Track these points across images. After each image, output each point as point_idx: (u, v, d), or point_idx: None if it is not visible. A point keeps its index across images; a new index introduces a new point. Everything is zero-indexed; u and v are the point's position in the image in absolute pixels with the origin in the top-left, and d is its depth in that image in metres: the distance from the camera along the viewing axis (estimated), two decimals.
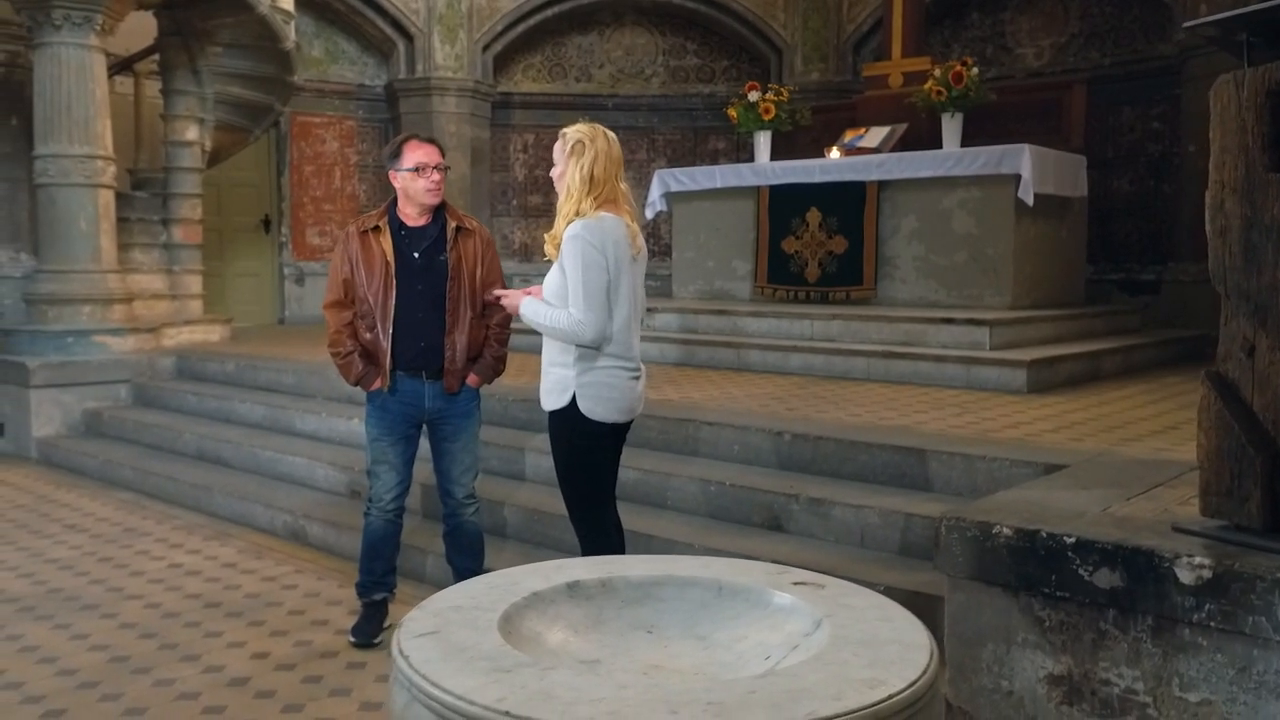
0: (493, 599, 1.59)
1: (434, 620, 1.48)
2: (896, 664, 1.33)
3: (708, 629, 1.61)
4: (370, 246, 3.81)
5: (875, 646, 1.39)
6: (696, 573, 1.71)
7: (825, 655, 1.37)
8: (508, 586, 1.64)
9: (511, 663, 1.32)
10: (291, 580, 4.70)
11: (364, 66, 12.02)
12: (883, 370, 6.45)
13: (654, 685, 1.26)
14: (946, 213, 7.56)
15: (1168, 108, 10.29)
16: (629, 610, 1.64)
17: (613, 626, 1.62)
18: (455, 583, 4.08)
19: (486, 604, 1.55)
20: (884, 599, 1.64)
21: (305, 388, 6.91)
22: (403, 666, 1.33)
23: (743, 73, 12.65)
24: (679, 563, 1.79)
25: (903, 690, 1.26)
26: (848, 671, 1.31)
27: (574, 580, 1.67)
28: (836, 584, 1.70)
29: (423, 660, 1.33)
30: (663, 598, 1.66)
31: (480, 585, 1.66)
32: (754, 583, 1.67)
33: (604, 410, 3.30)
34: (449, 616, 1.50)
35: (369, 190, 12.11)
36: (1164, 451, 4.18)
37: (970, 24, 11.66)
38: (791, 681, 1.28)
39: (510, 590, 1.62)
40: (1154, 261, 10.37)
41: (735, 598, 1.64)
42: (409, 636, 1.42)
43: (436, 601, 1.59)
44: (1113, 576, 2.74)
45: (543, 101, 12.55)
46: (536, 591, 1.61)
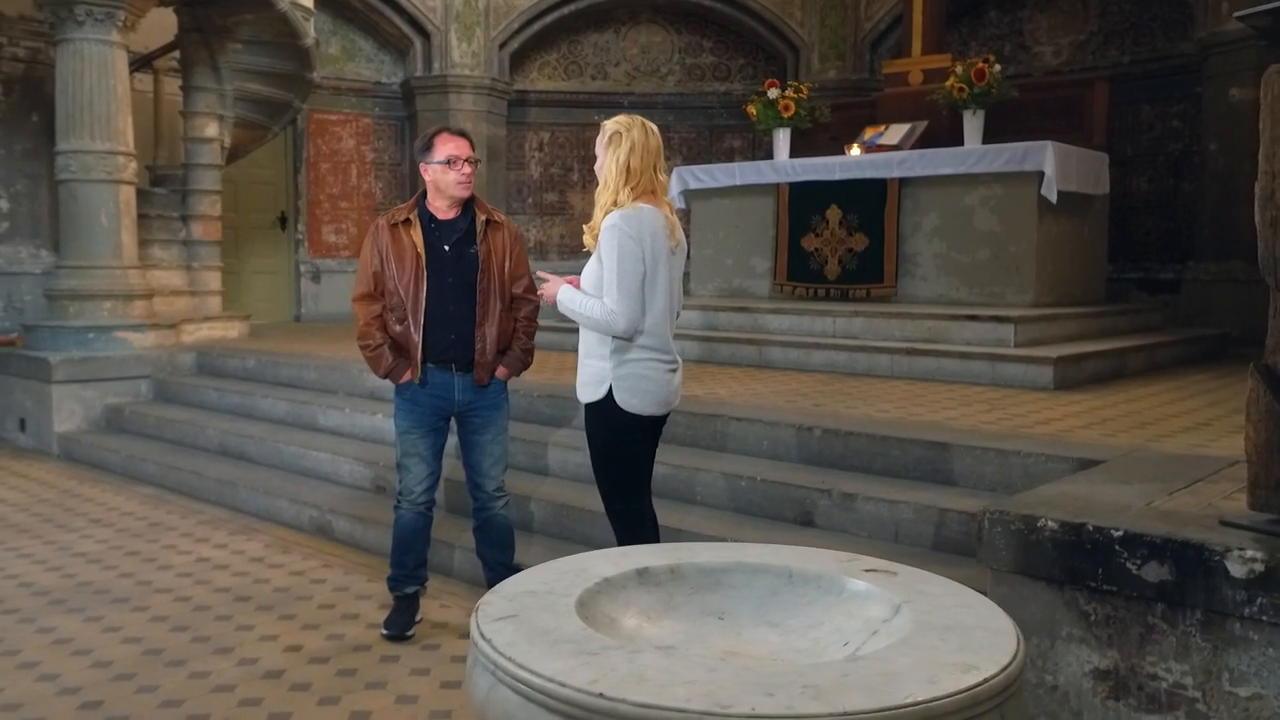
0: (565, 584, 1.57)
1: (511, 605, 1.47)
2: (986, 649, 1.32)
3: (780, 616, 1.60)
4: (400, 239, 3.80)
5: (961, 632, 1.38)
6: (766, 560, 1.70)
7: (912, 640, 1.35)
8: (578, 572, 1.63)
9: (597, 645, 1.31)
10: (320, 574, 4.70)
11: (380, 64, 12.02)
12: (906, 367, 6.42)
13: (745, 669, 1.25)
14: (968, 210, 7.52)
15: (1188, 106, 10.25)
16: (699, 597, 1.63)
17: (684, 612, 1.60)
18: (486, 576, 4.11)
19: (560, 589, 1.54)
20: (960, 586, 1.63)
21: (328, 383, 6.90)
22: (486, 650, 1.31)
23: (759, 71, 12.63)
24: (746, 550, 1.78)
25: (996, 675, 1.24)
26: (938, 656, 1.29)
27: (643, 566, 1.65)
28: (909, 571, 1.68)
29: (507, 643, 1.31)
30: (733, 584, 1.65)
31: (550, 571, 1.65)
32: (825, 570, 1.65)
33: (640, 402, 3.29)
34: (525, 601, 1.49)
35: (385, 188, 12.12)
36: (1199, 447, 4.15)
37: (988, 22, 11.63)
38: (883, 665, 1.26)
39: (581, 576, 1.61)
40: (1173, 260, 10.32)
41: (807, 584, 1.63)
42: (488, 620, 1.41)
43: (510, 587, 1.58)
44: (1161, 570, 2.72)
45: (559, 100, 12.55)
46: (608, 577, 1.60)
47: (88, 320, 7.67)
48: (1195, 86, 9.97)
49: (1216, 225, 9.46)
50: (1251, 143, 8.80)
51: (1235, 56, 9.22)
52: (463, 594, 4.38)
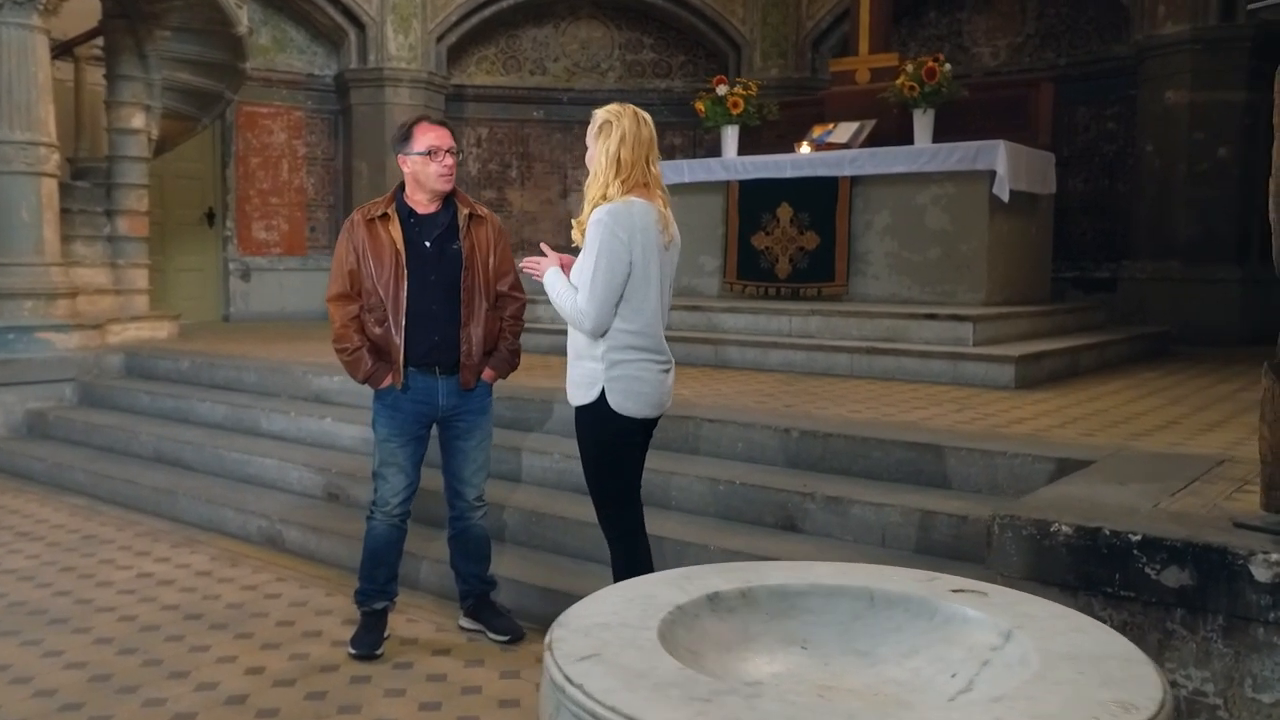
0: (637, 614, 1.42)
1: (588, 641, 1.31)
2: (1129, 681, 1.20)
3: (867, 643, 1.47)
4: (378, 235, 3.59)
5: (1093, 662, 1.26)
6: (841, 580, 1.56)
7: (1047, 675, 1.23)
8: (644, 600, 1.47)
9: (706, 690, 1.16)
10: (273, 589, 4.44)
11: (313, 56, 11.65)
12: (866, 366, 6.37)
13: (885, 714, 1.12)
14: (920, 209, 7.51)
15: (1122, 108, 10.43)
16: (776, 624, 1.49)
17: (764, 643, 1.46)
18: (459, 589, 3.92)
19: (634, 620, 1.38)
20: (1062, 606, 1.51)
21: (268, 386, 6.61)
22: (580, 699, 1.16)
23: (700, 68, 12.56)
24: (815, 569, 1.64)
25: (1156, 713, 1.13)
26: (1085, 692, 1.17)
27: (713, 591, 1.51)
28: (998, 590, 1.56)
29: (604, 690, 1.16)
30: (809, 609, 1.51)
31: (613, 599, 1.49)
32: (909, 591, 1.52)
33: (634, 405, 3.14)
34: (603, 636, 1.33)
35: (318, 183, 11.75)
36: (1178, 446, 4.14)
37: (928, 23, 11.71)
38: (1032, 706, 1.14)
39: (649, 604, 1.45)
40: (1108, 259, 10.50)
41: (892, 608, 1.50)
42: (569, 661, 1.25)
43: (577, 619, 1.41)
44: (1182, 575, 2.66)
45: (497, 95, 12.31)
46: (679, 605, 1.45)
47: (7, 320, 7.25)
48: (1130, 89, 10.15)
49: (1152, 225, 9.64)
50: (1185, 144, 8.92)
51: (1171, 60, 9.40)
52: (430, 607, 4.18)
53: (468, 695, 3.38)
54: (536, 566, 4.22)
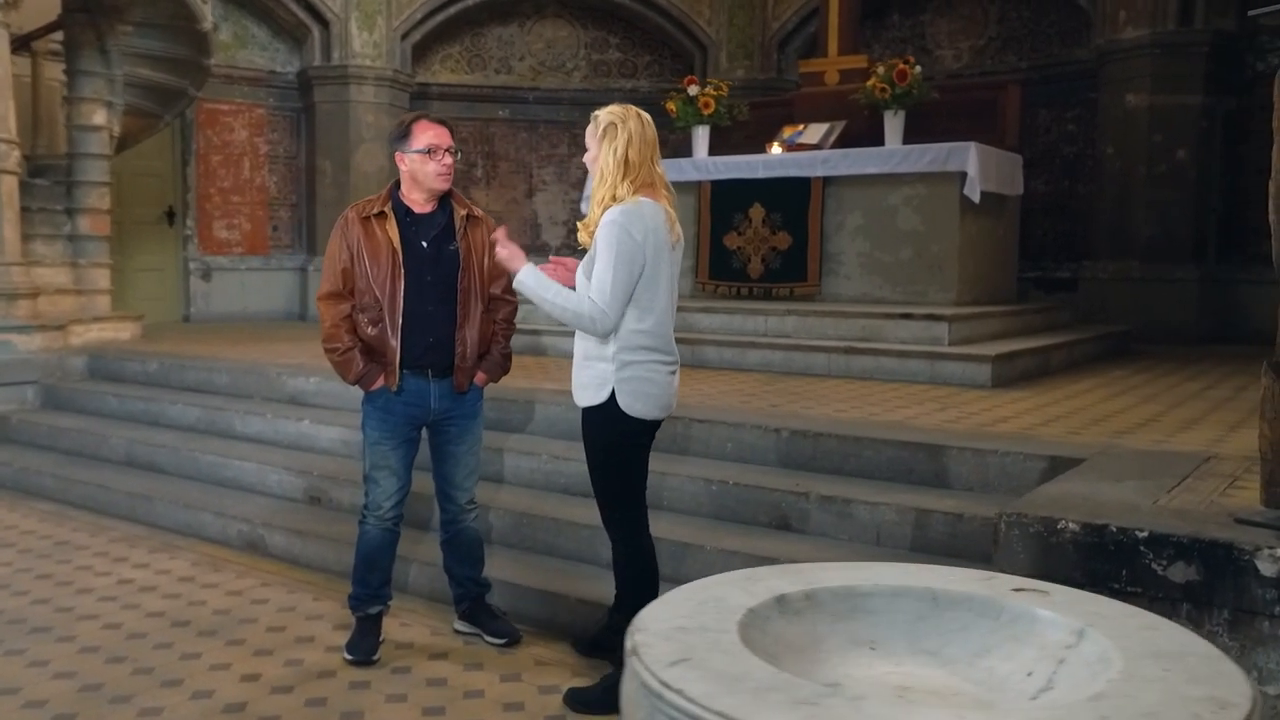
0: (713, 618, 1.41)
1: (673, 646, 1.30)
2: (1217, 678, 1.22)
3: (935, 643, 1.48)
4: (374, 234, 3.54)
5: (1174, 659, 1.28)
6: (901, 581, 1.57)
7: (1134, 672, 1.24)
8: (714, 602, 1.47)
9: (808, 693, 1.16)
10: (260, 594, 4.38)
11: (275, 52, 11.49)
12: (844, 366, 6.42)
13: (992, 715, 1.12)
14: (892, 209, 7.59)
15: (1083, 111, 10.61)
16: (842, 625, 1.49)
17: (833, 644, 1.46)
18: (454, 593, 3.89)
19: (712, 624, 1.38)
20: (1128, 605, 1.53)
21: (242, 388, 6.50)
22: (681, 704, 1.14)
23: (665, 69, 12.57)
24: (873, 570, 1.65)
25: (1251, 710, 1.15)
26: (1177, 689, 1.19)
27: (780, 594, 1.51)
28: (1061, 590, 1.58)
29: (706, 694, 1.15)
30: (873, 610, 1.52)
31: (683, 603, 1.48)
32: (972, 590, 1.54)
33: (644, 406, 3.14)
34: (686, 640, 1.32)
35: (280, 182, 11.59)
36: (1162, 444, 4.22)
37: (891, 25, 11.83)
38: (1132, 703, 1.15)
39: (720, 607, 1.45)
40: (1069, 260, 10.67)
41: (957, 607, 1.51)
42: (661, 665, 1.23)
43: (655, 623, 1.40)
44: (1188, 570, 2.71)
45: (462, 93, 12.23)
46: (751, 608, 1.44)
47: None
48: (1090, 92, 10.33)
49: (1113, 226, 9.82)
50: (1145, 147, 9.08)
51: (1131, 64, 9.58)
52: (423, 611, 4.14)
53: (470, 699, 3.35)
54: (529, 568, 4.20)
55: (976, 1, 11.38)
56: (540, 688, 3.43)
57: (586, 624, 3.78)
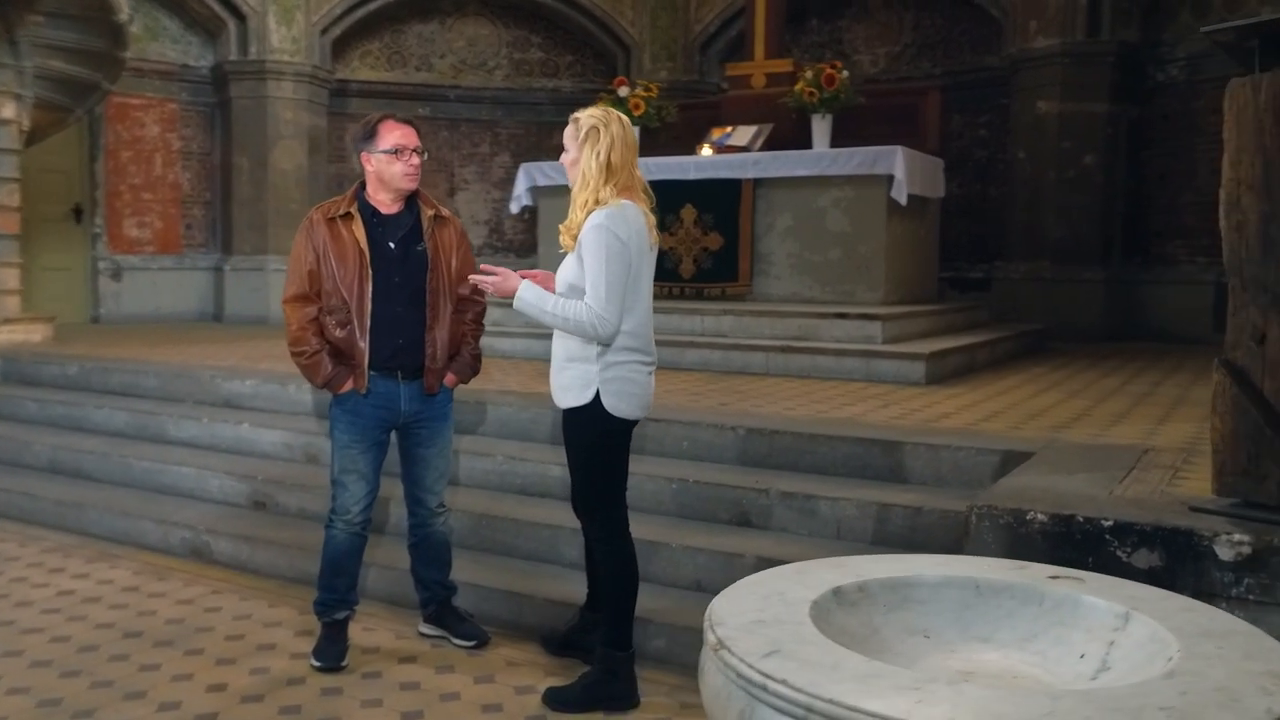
0: (783, 611, 1.45)
1: (760, 639, 1.34)
2: (1267, 654, 1.32)
3: (985, 629, 1.55)
4: (340, 235, 3.50)
5: (1224, 638, 1.37)
6: (942, 571, 1.64)
7: (1193, 650, 1.33)
8: (777, 596, 1.51)
9: (910, 680, 1.21)
10: (211, 602, 4.27)
11: (188, 45, 11.17)
12: (782, 364, 6.55)
13: (1087, 698, 1.19)
14: (820, 211, 7.75)
15: (994, 116, 10.98)
16: (895, 615, 1.56)
17: (890, 633, 1.53)
18: (421, 597, 3.86)
19: (786, 616, 1.42)
20: (1159, 589, 1.63)
21: (172, 391, 6.32)
22: (788, 693, 1.18)
23: (588, 69, 12.60)
24: (913, 562, 1.71)
25: None
26: (1236, 665, 1.28)
27: (835, 586, 1.56)
28: (1094, 577, 1.67)
29: (811, 683, 1.19)
30: (921, 599, 1.59)
31: (750, 597, 1.52)
32: (1010, 579, 1.61)
33: (627, 406, 3.17)
34: (768, 634, 1.36)
35: (194, 179, 11.27)
36: (1100, 437, 4.42)
37: (810, 30, 12.05)
38: (1201, 681, 1.24)
39: (785, 600, 1.50)
40: (981, 260, 11.03)
41: (999, 595, 1.59)
42: (758, 657, 1.27)
43: (731, 617, 1.44)
44: (1151, 557, 2.86)
45: (382, 90, 12.06)
46: (814, 600, 1.50)
47: None
48: (1001, 99, 10.70)
49: (1025, 228, 10.19)
50: (1055, 152, 9.45)
51: (1042, 72, 9.96)
52: (385, 615, 4.10)
53: (448, 702, 3.35)
54: (491, 570, 4.20)
55: (892, 9, 11.68)
56: (516, 688, 3.44)
57: (555, 623, 3.80)
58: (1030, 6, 9.97)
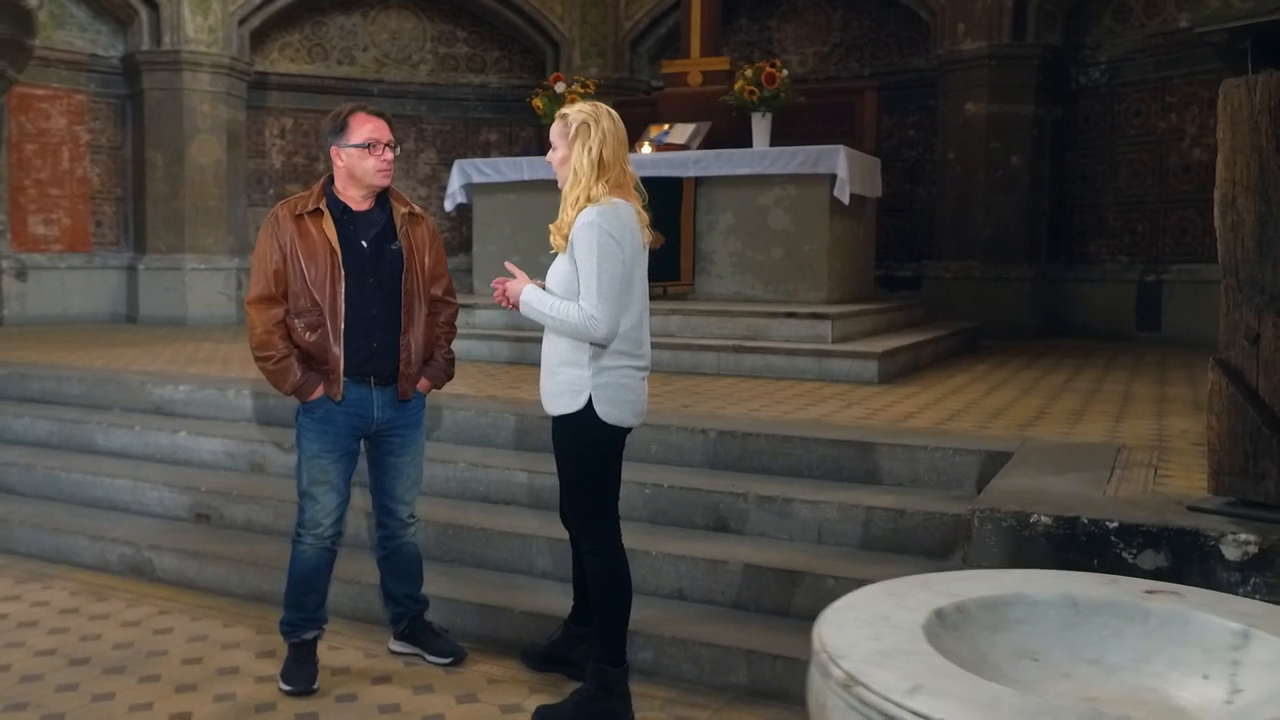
0: (899, 638, 1.36)
1: (895, 673, 1.24)
2: None
3: (1093, 651, 1.48)
4: (308, 233, 3.30)
5: None
6: (1034, 589, 1.57)
7: None
8: (883, 621, 1.42)
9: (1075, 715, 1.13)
10: (160, 623, 4.02)
11: (96, 34, 10.64)
12: (733, 365, 6.49)
13: None
14: (763, 210, 7.72)
15: (922, 117, 11.12)
16: (998, 637, 1.48)
17: (998, 657, 1.45)
18: (391, 613, 3.69)
19: (906, 645, 1.33)
20: (1266, 604, 1.58)
21: (98, 398, 5.98)
22: None
23: (515, 64, 12.41)
24: (1000, 578, 1.64)
25: None
26: None
27: (937, 608, 1.48)
28: (1193, 591, 1.62)
29: None
30: (1020, 619, 1.51)
31: (857, 623, 1.42)
32: (1106, 595, 1.55)
33: (621, 413, 3.06)
34: (899, 666, 1.26)
35: (104, 174, 10.75)
36: (1069, 436, 4.45)
37: (739, 29, 12.05)
38: None
39: (893, 625, 1.40)
40: (910, 259, 11.16)
41: (1100, 613, 1.52)
42: (903, 694, 1.18)
43: (852, 648, 1.34)
44: (1157, 557, 2.86)
45: (302, 84, 11.68)
46: (921, 625, 1.41)
47: None
48: (929, 100, 10.84)
49: (954, 227, 10.34)
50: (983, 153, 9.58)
51: (970, 74, 10.11)
52: (349, 632, 3.90)
53: None
54: (461, 582, 4.03)
55: (820, 9, 11.75)
56: (501, 706, 3.30)
57: (535, 637, 3.67)
58: (958, 9, 10.12)
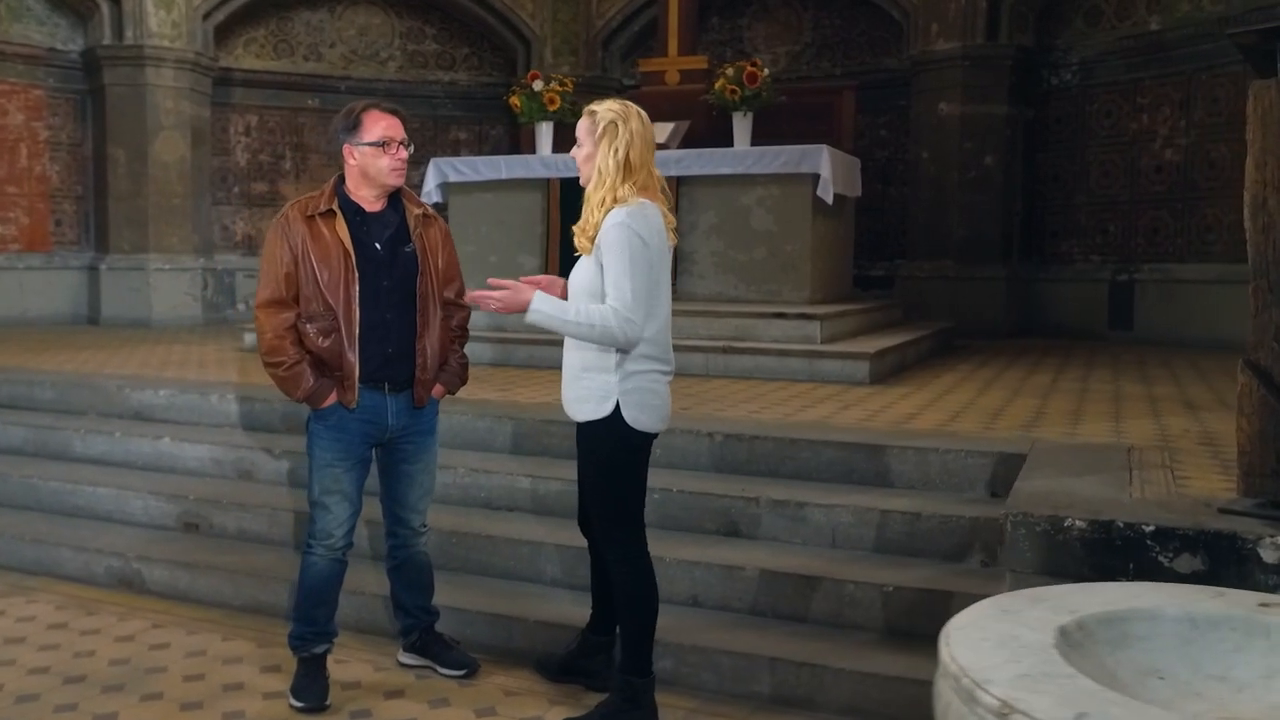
0: (1038, 660, 1.31)
1: (1053, 700, 1.18)
2: None
3: (1218, 667, 1.44)
4: (321, 235, 3.19)
5: None
6: (1146, 603, 1.53)
7: None
8: (1013, 641, 1.36)
9: None
10: (155, 637, 3.89)
11: (55, 28, 10.35)
12: (722, 365, 6.45)
13: None
14: (745, 210, 7.68)
15: (894, 117, 11.16)
16: (1120, 655, 1.44)
17: (1125, 676, 1.40)
18: (403, 624, 3.59)
19: (1048, 668, 1.27)
20: None
21: (73, 403, 5.79)
22: None
23: (485, 62, 12.28)
24: (1105, 593, 1.60)
25: None
26: None
27: (1059, 626, 1.43)
28: None
29: None
30: (1139, 635, 1.47)
31: (984, 644, 1.37)
32: (1219, 610, 1.52)
33: (649, 419, 2.99)
34: (1052, 691, 1.21)
35: (63, 172, 10.47)
36: (1075, 436, 4.45)
37: (710, 28, 12.00)
38: None
39: (1023, 645, 1.35)
40: (883, 258, 11.20)
41: (1217, 628, 1.49)
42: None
43: (991, 671, 1.28)
44: (1194, 561, 2.84)
45: (268, 80, 11.46)
46: (1052, 645, 1.36)
47: None
48: (900, 100, 10.88)
49: (928, 227, 10.39)
50: (957, 153, 9.62)
51: (944, 74, 10.16)
52: (354, 645, 3.79)
53: None
54: (469, 591, 3.94)
55: (792, 8, 11.75)
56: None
57: (547, 647, 3.59)
58: (931, 10, 10.16)
